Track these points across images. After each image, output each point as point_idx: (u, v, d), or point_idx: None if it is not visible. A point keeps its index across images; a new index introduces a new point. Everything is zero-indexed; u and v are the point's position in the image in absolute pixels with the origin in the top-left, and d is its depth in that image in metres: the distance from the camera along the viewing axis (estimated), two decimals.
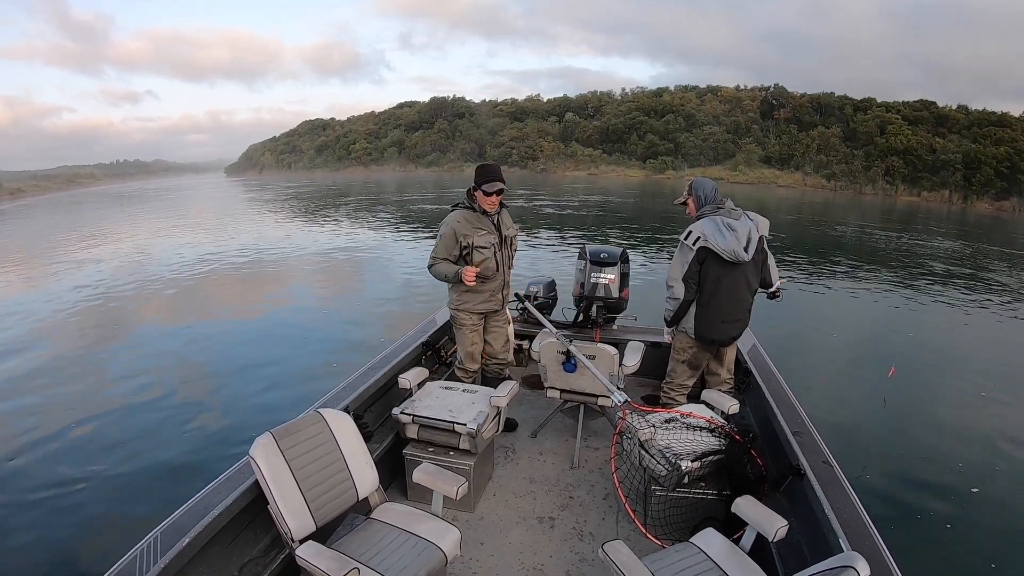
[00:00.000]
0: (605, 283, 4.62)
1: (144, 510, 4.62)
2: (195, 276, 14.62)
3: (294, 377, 7.56)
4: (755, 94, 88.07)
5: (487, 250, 3.77)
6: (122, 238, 23.43)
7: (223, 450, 5.67)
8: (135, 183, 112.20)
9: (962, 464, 5.62)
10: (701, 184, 3.75)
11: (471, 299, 3.89)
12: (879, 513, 2.59)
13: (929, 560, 4.25)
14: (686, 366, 3.85)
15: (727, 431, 3.10)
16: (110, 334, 9.99)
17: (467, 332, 4.00)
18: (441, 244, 3.77)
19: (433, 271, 3.83)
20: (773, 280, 3.84)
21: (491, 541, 3.10)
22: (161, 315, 11.30)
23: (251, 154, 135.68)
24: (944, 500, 5.00)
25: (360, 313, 11.03)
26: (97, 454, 5.77)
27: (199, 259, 16.86)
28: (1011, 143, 63.17)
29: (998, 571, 4.22)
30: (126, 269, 15.80)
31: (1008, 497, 5.14)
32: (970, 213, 50.59)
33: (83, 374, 8.00)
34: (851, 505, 2.47)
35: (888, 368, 7.39)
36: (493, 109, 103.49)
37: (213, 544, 2.36)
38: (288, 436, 2.47)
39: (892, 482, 5.24)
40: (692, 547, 2.42)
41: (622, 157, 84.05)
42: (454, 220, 3.76)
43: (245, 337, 9.49)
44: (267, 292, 13.06)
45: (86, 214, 39.83)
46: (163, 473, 5.38)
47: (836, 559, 1.93)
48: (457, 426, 3.19)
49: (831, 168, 71.00)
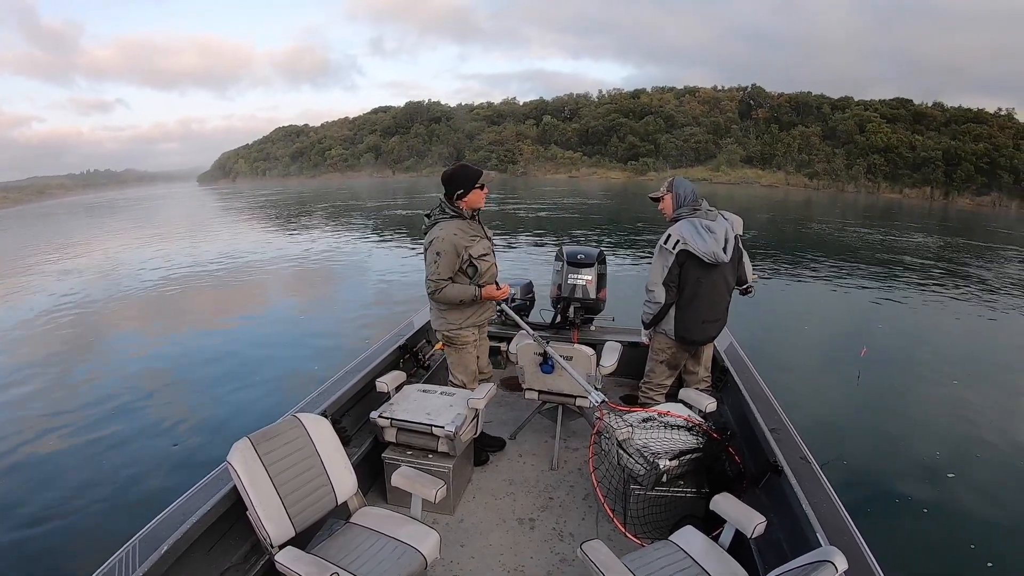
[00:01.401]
0: (582, 284, 4.63)
1: (121, 519, 4.62)
2: (168, 287, 14.51)
3: (271, 384, 7.56)
4: (733, 94, 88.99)
5: (489, 257, 3.60)
6: (94, 250, 23.18)
7: (200, 457, 5.67)
8: (107, 193, 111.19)
9: (939, 452, 5.81)
10: (682, 184, 3.81)
11: (473, 313, 3.68)
12: (857, 505, 2.68)
13: (908, 547, 4.38)
14: (665, 366, 3.91)
15: (705, 429, 3.15)
16: (82, 346, 9.90)
17: (470, 349, 3.79)
18: (444, 262, 3.41)
19: (442, 296, 3.48)
20: (748, 278, 3.92)
21: (471, 543, 3.13)
22: (134, 326, 11.24)
23: (224, 162, 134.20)
24: (921, 486, 5.18)
25: (335, 319, 11.03)
26: (72, 464, 5.75)
27: (172, 270, 16.74)
28: (989, 139, 64.55)
29: (976, 551, 4.36)
30: (98, 281, 15.65)
31: (983, 480, 5.35)
32: (951, 209, 51.84)
33: (54, 386, 7.94)
34: (828, 500, 2.52)
35: (860, 349, 7.65)
36: (469, 113, 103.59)
37: (192, 552, 2.37)
38: (266, 441, 2.48)
39: (869, 472, 5.40)
40: (671, 545, 2.46)
41: (602, 159, 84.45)
42: (451, 233, 3.43)
43: (219, 346, 9.46)
44: (241, 301, 13.02)
45: (56, 226, 39.48)
46: (140, 481, 5.37)
47: (814, 554, 1.97)
48: (435, 429, 3.22)
49: (813, 167, 71.97)
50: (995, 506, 4.96)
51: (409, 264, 16.37)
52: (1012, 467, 5.60)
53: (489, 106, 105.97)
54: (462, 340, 3.73)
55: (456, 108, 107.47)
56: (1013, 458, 5.77)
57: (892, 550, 4.14)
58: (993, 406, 6.99)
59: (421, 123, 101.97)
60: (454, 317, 3.66)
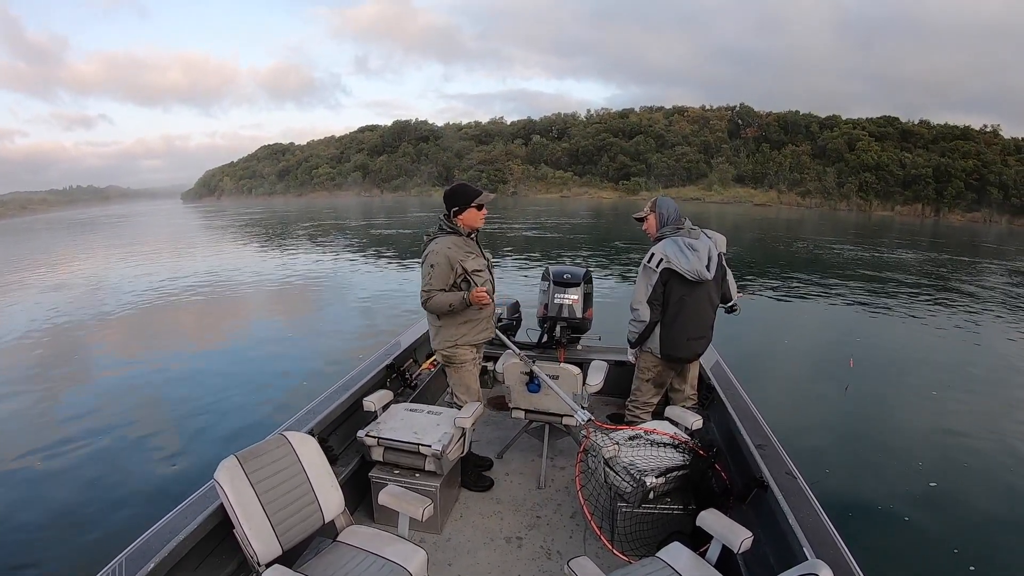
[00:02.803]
0: (569, 303, 4.68)
1: (107, 537, 4.61)
2: (154, 304, 14.49)
3: (257, 402, 7.56)
4: (722, 113, 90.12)
5: (483, 273, 3.62)
6: (76, 267, 23.09)
7: (187, 475, 5.65)
8: (91, 210, 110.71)
9: (921, 462, 5.97)
10: (665, 203, 3.89)
11: (470, 330, 3.69)
12: (843, 518, 2.73)
13: (893, 558, 4.47)
14: (651, 384, 3.97)
15: (691, 446, 3.19)
16: (64, 365, 9.83)
17: (469, 367, 3.80)
18: (436, 274, 3.48)
19: (432, 304, 3.52)
20: (732, 295, 4.00)
21: (459, 562, 3.15)
22: (119, 344, 11.18)
23: (208, 179, 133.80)
24: (905, 497, 5.32)
25: (322, 338, 11.04)
26: (56, 482, 5.73)
27: (157, 288, 16.70)
28: (977, 156, 65.65)
29: (960, 555, 4.50)
30: (81, 300, 15.53)
31: (963, 488, 5.54)
32: (942, 225, 52.76)
33: (37, 404, 7.90)
34: (815, 514, 2.56)
35: (847, 360, 8.04)
36: (458, 132, 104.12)
37: (178, 569, 2.38)
38: (253, 459, 2.49)
39: (855, 485, 5.52)
40: (659, 561, 2.47)
41: (593, 178, 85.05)
42: (444, 247, 3.51)
43: (205, 364, 9.45)
44: (228, 319, 13.05)
45: (39, 242, 39.32)
46: (126, 499, 5.36)
47: (801, 567, 2.00)
48: (422, 448, 3.25)
49: (805, 185, 72.80)
50: (976, 513, 5.14)
51: (396, 283, 16.44)
52: (993, 474, 5.83)
53: (477, 125, 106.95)
54: (460, 358, 3.74)
55: (444, 127, 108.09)
56: (994, 466, 6.00)
57: (878, 562, 4.26)
58: (975, 415, 7.25)
59: (409, 142, 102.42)
60: (449, 334, 3.67)
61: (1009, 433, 6.74)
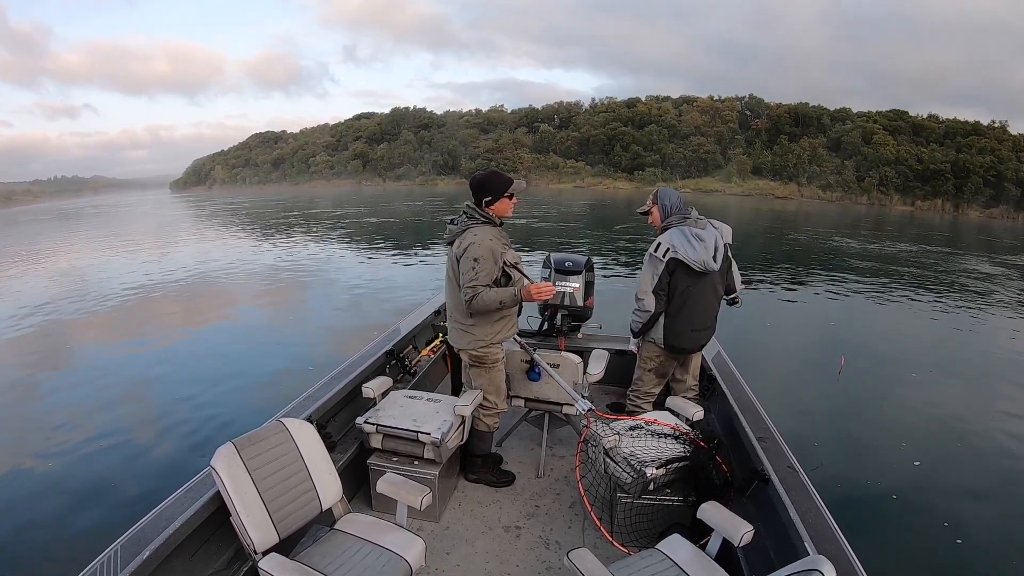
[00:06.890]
0: (570, 292, 4.72)
1: (103, 524, 4.69)
2: (148, 292, 14.63)
3: (255, 388, 7.66)
4: (731, 104, 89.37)
5: (521, 267, 3.45)
6: (63, 258, 23.16)
7: (183, 461, 5.73)
8: (80, 200, 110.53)
9: (904, 443, 6.26)
10: (667, 194, 3.93)
11: (504, 327, 3.56)
12: (845, 512, 2.76)
13: (895, 553, 4.56)
14: (653, 374, 4.03)
15: (692, 438, 3.24)
16: (54, 354, 9.95)
17: (500, 367, 3.67)
18: (483, 268, 3.25)
19: (479, 302, 3.25)
20: (736, 287, 4.04)
21: (457, 551, 3.20)
22: (114, 332, 11.32)
23: (198, 168, 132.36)
24: (907, 490, 5.48)
25: (321, 325, 11.17)
26: (52, 470, 5.81)
27: (150, 276, 16.86)
28: (992, 152, 65.54)
29: (951, 528, 4.74)
30: (70, 290, 15.62)
31: (945, 465, 5.87)
32: (961, 221, 52.61)
33: (29, 395, 8.00)
34: (816, 508, 2.59)
35: (851, 354, 8.22)
36: (459, 120, 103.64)
37: (175, 557, 2.42)
38: (250, 446, 2.53)
39: (856, 479, 5.63)
40: (659, 554, 2.52)
41: (606, 168, 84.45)
42: (487, 239, 3.30)
43: (202, 350, 9.60)
44: (225, 306, 13.20)
45: (25, 233, 39.31)
46: (122, 486, 5.43)
47: (802, 563, 2.03)
48: (421, 435, 3.31)
49: (826, 178, 72.65)
50: (975, 500, 5.34)
51: (398, 271, 16.50)
52: (991, 462, 6.04)
53: (478, 113, 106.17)
54: (492, 358, 3.59)
55: (445, 115, 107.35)
56: (992, 454, 6.22)
57: (879, 557, 4.32)
58: (975, 404, 7.47)
59: (409, 129, 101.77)
60: (484, 332, 3.50)
61: (1013, 426, 6.89)
